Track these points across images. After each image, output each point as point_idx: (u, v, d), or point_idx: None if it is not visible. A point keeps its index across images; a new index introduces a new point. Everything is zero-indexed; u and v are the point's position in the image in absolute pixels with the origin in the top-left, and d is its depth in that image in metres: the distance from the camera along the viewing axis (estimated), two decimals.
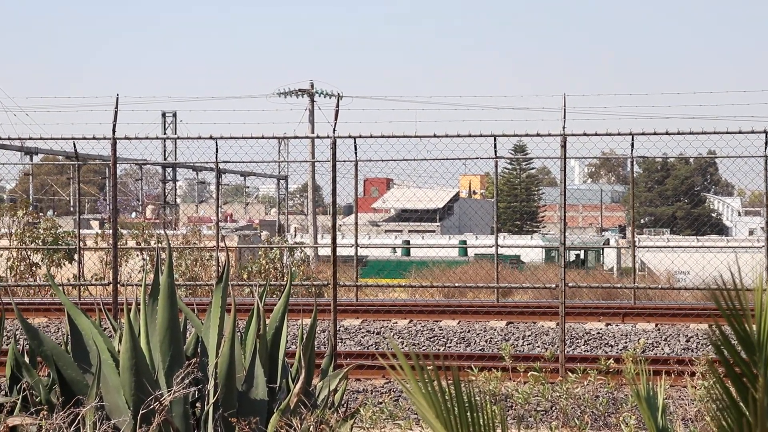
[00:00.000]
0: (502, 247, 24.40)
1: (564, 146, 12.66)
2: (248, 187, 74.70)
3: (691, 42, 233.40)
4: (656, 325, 17.84)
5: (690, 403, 8.75)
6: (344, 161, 22.12)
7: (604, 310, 18.96)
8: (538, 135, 13.16)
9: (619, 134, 13.57)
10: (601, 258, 42.35)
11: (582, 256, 42.25)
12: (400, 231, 61.14)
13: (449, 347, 16.56)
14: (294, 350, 9.86)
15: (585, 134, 13.13)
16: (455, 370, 4.15)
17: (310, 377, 7.37)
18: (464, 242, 42.14)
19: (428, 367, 3.98)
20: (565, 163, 12.60)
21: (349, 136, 12.64)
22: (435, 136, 12.94)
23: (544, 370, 8.86)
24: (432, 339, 17.02)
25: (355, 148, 21.14)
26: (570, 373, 8.68)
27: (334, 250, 11.96)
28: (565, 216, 12.79)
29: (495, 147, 21.49)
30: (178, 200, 67.09)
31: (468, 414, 3.96)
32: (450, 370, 4.21)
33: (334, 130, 11.91)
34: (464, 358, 13.53)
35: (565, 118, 12.79)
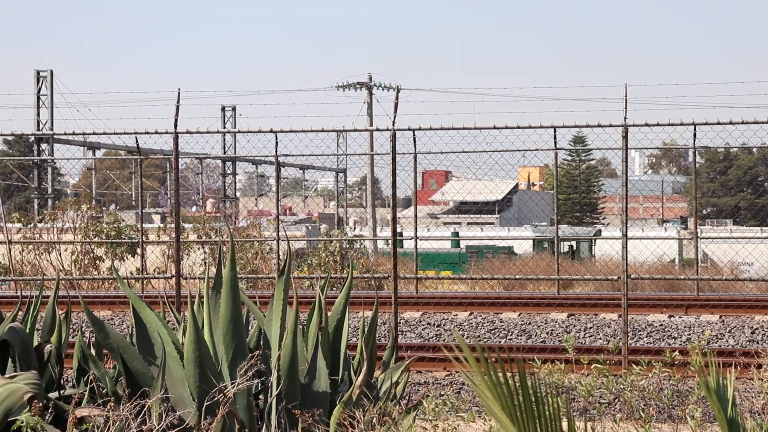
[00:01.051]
0: (495, 239, 24.27)
1: (625, 137, 12.55)
2: (307, 180, 74.99)
3: (753, 30, 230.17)
4: (720, 317, 17.62)
5: (757, 396, 8.64)
6: (403, 153, 22.09)
7: (666, 302, 18.77)
8: (599, 126, 13.05)
9: (681, 124, 13.42)
10: (593, 249, 41.48)
11: (574, 248, 41.69)
12: (459, 223, 61.02)
13: (510, 339, 16.50)
14: (355, 342, 9.89)
15: (647, 124, 13.01)
16: (520, 362, 4.13)
17: (372, 369, 7.37)
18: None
19: (492, 360, 3.96)
20: (626, 153, 12.48)
21: (409, 129, 12.63)
22: (495, 127, 12.89)
23: (607, 362, 8.79)
24: (492, 331, 16.97)
25: (414, 141, 21.13)
26: (634, 365, 8.60)
27: (394, 243, 11.96)
28: (626, 207, 12.67)
29: (555, 138, 21.37)
30: (238, 194, 67.51)
31: (533, 406, 3.94)
32: (515, 362, 4.19)
33: (393, 122, 11.90)
34: (526, 351, 13.47)
35: (626, 108, 12.68)
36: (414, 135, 19.97)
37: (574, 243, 41.57)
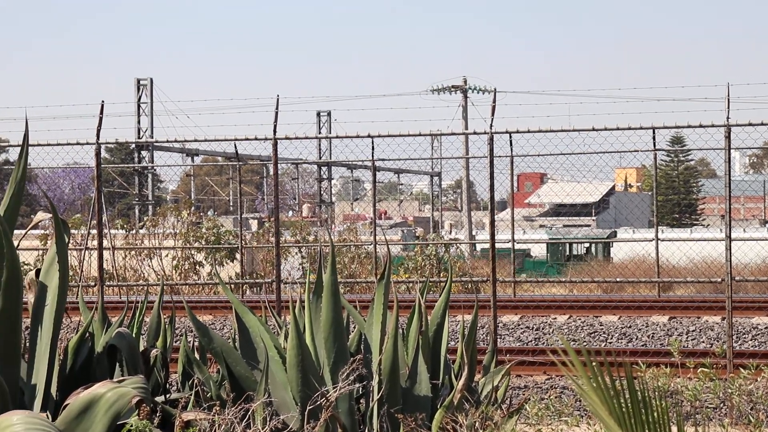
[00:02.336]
0: (507, 242, 23.92)
1: (728, 137, 12.33)
2: (402, 184, 75.16)
3: None
4: None
5: None
6: (500, 156, 22.02)
7: None
8: (700, 126, 12.83)
9: None
10: (609, 252, 40.61)
11: (584, 251, 40.99)
12: (555, 226, 60.55)
13: (610, 343, 16.30)
14: (454, 347, 9.86)
15: (750, 124, 12.75)
16: (627, 366, 4.07)
17: (473, 373, 7.34)
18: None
19: (597, 363, 3.92)
20: (729, 154, 12.27)
21: (506, 132, 12.58)
22: (594, 129, 12.75)
23: (714, 366, 8.63)
24: (592, 334, 16.79)
25: (511, 144, 21.05)
26: (741, 369, 8.43)
27: (492, 246, 11.91)
28: (729, 208, 12.45)
29: (654, 139, 21.08)
30: (334, 198, 67.92)
31: (642, 410, 3.89)
32: (622, 366, 4.14)
33: (491, 125, 11.86)
34: (627, 354, 13.30)
35: (729, 107, 12.45)
36: (510, 138, 19.89)
37: (591, 245, 41.10)
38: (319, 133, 53.86)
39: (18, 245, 5.72)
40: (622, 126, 13.05)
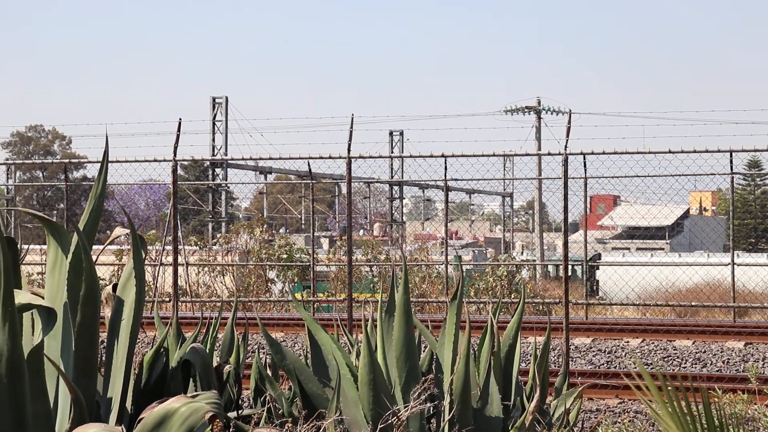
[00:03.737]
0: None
1: None
2: (474, 204, 75.01)
3: None
4: None
5: None
6: (574, 178, 21.90)
7: None
8: None
9: None
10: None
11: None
12: (628, 249, 59.92)
13: (684, 368, 16.07)
14: (524, 368, 9.80)
15: None
16: (704, 392, 4.02)
17: (545, 395, 7.29)
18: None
19: (673, 388, 3.87)
20: None
21: (581, 153, 12.51)
22: (670, 152, 12.63)
23: None
24: (666, 359, 16.57)
25: (585, 165, 20.91)
26: None
27: (566, 268, 11.82)
28: None
29: (731, 162, 20.79)
30: (405, 218, 67.99)
31: None
32: (698, 391, 4.08)
33: (565, 146, 11.80)
34: (702, 379, 13.10)
35: None
36: (585, 159, 19.76)
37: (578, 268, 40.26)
38: (392, 152, 54.01)
39: (96, 260, 5.80)
40: (699, 149, 12.92)
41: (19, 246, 5.73)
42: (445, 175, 21.35)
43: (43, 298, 5.49)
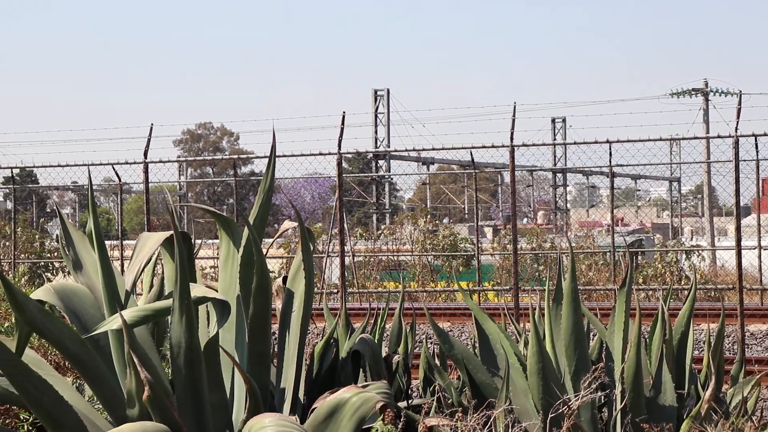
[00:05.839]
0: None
1: None
2: (639, 190, 73.62)
3: None
4: None
5: None
6: (745, 160, 21.26)
7: None
8: None
9: None
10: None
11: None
12: None
13: None
14: (697, 356, 9.58)
15: None
16: None
17: (720, 384, 7.11)
18: None
19: None
20: None
21: (752, 135, 12.11)
22: None
23: None
24: None
25: (756, 147, 20.29)
26: None
27: (738, 253, 11.50)
28: None
29: None
30: (569, 205, 67.25)
31: None
32: None
33: (736, 128, 11.47)
34: None
35: None
36: (756, 141, 19.19)
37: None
38: (554, 139, 53.46)
39: (266, 253, 5.92)
40: None
41: (192, 241, 5.90)
42: (610, 161, 21.03)
43: (216, 291, 5.64)
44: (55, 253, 29.47)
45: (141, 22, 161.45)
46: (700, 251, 31.11)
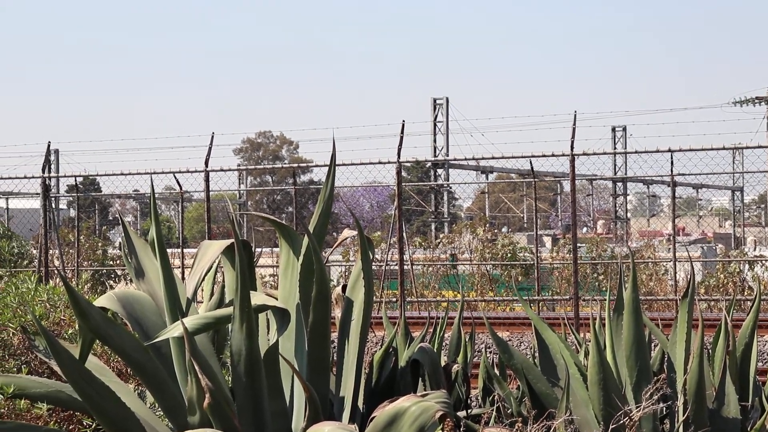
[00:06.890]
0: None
1: None
2: (701, 199, 72.83)
3: None
4: None
5: None
6: None
7: None
8: None
9: None
10: None
11: None
12: None
13: None
14: (762, 368, 9.46)
15: None
16: None
17: None
18: None
19: None
20: None
21: None
22: None
23: None
24: None
25: None
26: None
27: None
28: None
29: None
30: (629, 214, 66.69)
31: None
32: None
33: None
34: None
35: None
36: None
37: None
38: (614, 148, 53.06)
39: (326, 262, 5.93)
40: None
41: (253, 249, 5.93)
42: (672, 170, 20.80)
43: (276, 299, 5.66)
44: (118, 261, 29.79)
45: (201, 30, 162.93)
46: (763, 261, 30.69)
